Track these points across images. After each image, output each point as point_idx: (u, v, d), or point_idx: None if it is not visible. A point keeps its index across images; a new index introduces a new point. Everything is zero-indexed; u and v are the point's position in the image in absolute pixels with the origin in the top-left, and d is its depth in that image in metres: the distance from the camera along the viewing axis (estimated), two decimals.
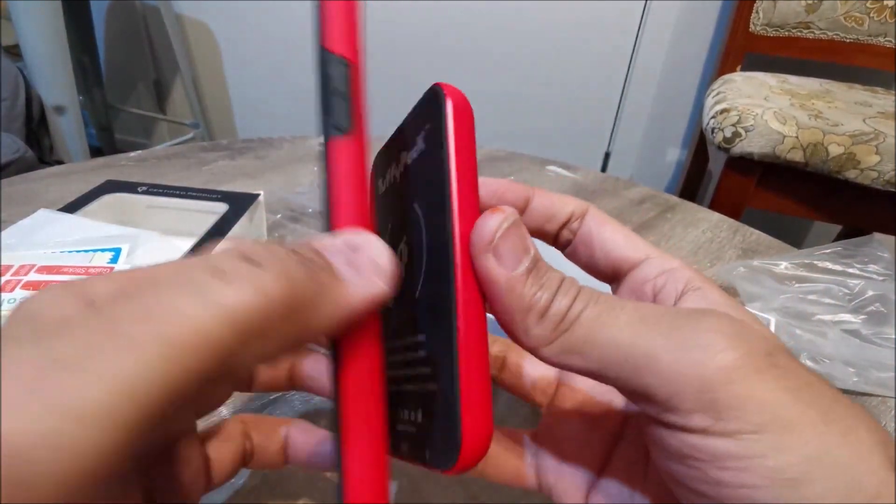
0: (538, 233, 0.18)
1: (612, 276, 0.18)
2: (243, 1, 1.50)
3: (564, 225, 0.18)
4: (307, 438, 0.17)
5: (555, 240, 0.18)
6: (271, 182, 0.55)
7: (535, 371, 0.20)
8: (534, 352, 0.14)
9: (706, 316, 0.13)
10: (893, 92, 1.02)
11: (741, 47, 1.10)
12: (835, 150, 0.77)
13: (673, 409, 0.12)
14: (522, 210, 0.18)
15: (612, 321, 0.13)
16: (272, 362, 0.18)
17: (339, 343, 0.14)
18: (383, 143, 0.19)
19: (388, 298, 0.13)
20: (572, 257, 0.18)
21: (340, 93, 0.14)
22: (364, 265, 0.13)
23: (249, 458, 0.18)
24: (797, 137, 0.78)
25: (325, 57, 0.14)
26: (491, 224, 0.13)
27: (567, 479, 0.18)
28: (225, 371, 0.10)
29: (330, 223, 0.14)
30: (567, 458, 0.18)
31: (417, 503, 0.24)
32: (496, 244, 0.13)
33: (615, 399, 0.19)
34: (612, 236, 0.17)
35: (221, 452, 0.17)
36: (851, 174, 0.77)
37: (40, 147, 1.24)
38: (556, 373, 0.20)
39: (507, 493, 0.25)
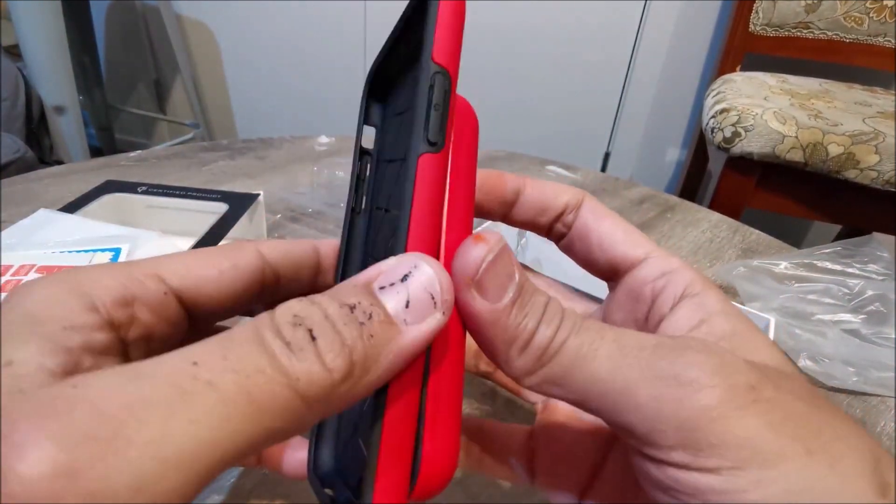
0: (530, 225, 0.18)
1: (611, 274, 0.17)
2: (243, 1, 1.50)
3: (558, 217, 0.17)
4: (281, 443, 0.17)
5: (548, 232, 0.18)
6: (271, 182, 0.55)
7: None
8: (517, 380, 0.14)
9: (688, 350, 0.13)
10: (893, 92, 1.02)
11: (741, 47, 1.10)
12: (834, 149, 0.77)
13: (652, 444, 0.12)
14: (513, 202, 0.17)
15: (592, 354, 0.13)
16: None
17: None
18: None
19: (444, 328, 0.12)
20: (567, 251, 0.18)
21: (439, 107, 0.13)
22: (419, 299, 0.12)
23: None
24: (797, 137, 0.78)
25: (427, 67, 0.13)
26: (474, 256, 0.13)
27: (561, 480, 0.18)
28: (293, 433, 0.11)
29: (405, 244, 0.13)
30: (561, 458, 0.18)
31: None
32: (479, 278, 0.13)
33: None
34: (610, 231, 0.17)
35: None
36: (851, 174, 0.78)
37: (40, 147, 1.24)
38: None
39: (507, 493, 0.25)
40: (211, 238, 0.34)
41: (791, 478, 0.11)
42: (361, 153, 0.16)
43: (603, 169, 1.45)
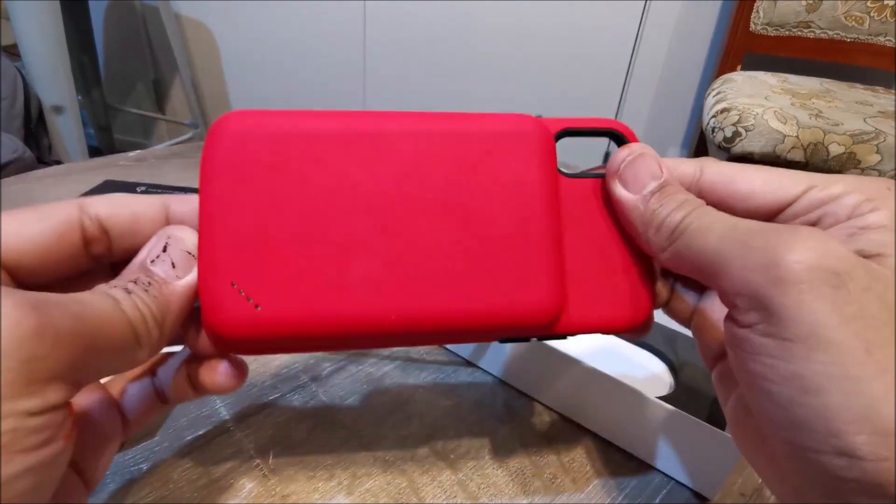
0: None
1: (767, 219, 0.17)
2: (243, 1, 1.50)
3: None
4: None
5: None
6: None
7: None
8: (655, 257, 0.17)
9: (790, 232, 0.14)
10: (894, 91, 1.02)
11: (741, 47, 1.10)
12: (835, 149, 0.77)
13: (734, 307, 0.14)
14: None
15: (707, 232, 0.15)
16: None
17: None
18: None
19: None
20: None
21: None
22: (180, 258, 0.16)
23: None
24: (798, 137, 0.78)
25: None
26: (618, 157, 0.17)
27: (704, 346, 0.19)
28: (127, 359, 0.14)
29: None
30: (710, 339, 0.19)
31: (417, 503, 0.24)
32: (621, 172, 0.17)
33: None
34: (745, 191, 0.16)
35: None
36: (852, 174, 0.77)
37: (39, 147, 1.24)
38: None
39: (507, 492, 0.25)
40: None
41: (835, 366, 0.12)
42: None
43: None
